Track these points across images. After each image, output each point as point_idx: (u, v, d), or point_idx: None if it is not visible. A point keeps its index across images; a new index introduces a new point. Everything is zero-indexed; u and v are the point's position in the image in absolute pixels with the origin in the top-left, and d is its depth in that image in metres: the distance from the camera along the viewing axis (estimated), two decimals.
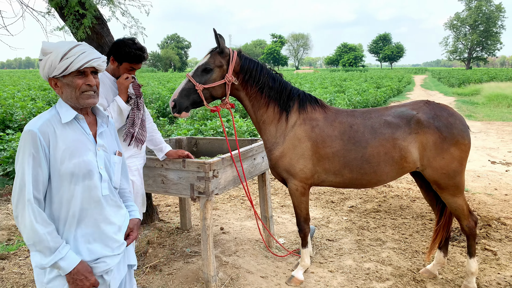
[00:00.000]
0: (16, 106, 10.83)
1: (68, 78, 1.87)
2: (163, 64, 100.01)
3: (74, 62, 1.83)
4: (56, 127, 1.84)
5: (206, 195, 3.21)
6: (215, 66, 3.19)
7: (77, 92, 1.87)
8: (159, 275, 3.73)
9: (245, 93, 3.37)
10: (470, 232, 3.46)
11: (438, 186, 3.34)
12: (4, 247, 4.53)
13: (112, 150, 2.06)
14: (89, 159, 1.88)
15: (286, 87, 3.44)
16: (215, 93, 3.25)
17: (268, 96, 3.36)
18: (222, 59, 3.21)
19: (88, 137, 1.93)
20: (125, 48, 2.92)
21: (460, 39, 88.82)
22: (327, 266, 3.98)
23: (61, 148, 1.82)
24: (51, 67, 1.85)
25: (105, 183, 1.94)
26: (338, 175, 3.37)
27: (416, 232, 4.79)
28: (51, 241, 1.76)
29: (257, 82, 3.30)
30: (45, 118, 1.85)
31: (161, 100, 14.80)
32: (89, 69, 1.89)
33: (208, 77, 3.18)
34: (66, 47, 1.85)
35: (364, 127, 3.33)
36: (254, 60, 3.34)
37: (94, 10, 3.80)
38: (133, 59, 2.97)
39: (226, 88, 3.25)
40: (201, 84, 3.15)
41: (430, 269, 3.75)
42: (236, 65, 3.24)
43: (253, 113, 3.45)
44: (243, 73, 3.28)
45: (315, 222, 5.19)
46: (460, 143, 3.23)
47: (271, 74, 3.41)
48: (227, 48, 3.21)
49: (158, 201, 6.19)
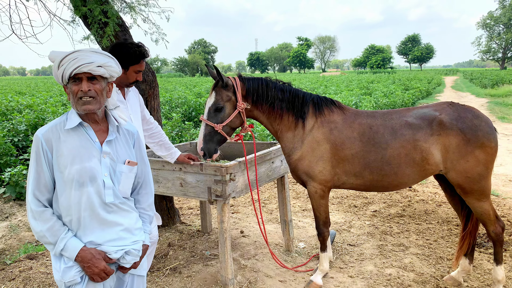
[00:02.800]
0: (48, 111, 11.24)
1: (69, 85, 1.93)
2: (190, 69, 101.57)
3: (66, 70, 1.87)
4: (62, 133, 1.91)
5: (223, 198, 3.24)
6: (225, 101, 3.23)
7: (75, 99, 1.92)
8: (179, 277, 3.78)
9: (257, 112, 3.40)
10: (496, 238, 3.34)
11: (463, 190, 3.24)
12: (34, 247, 4.71)
13: (122, 159, 2.05)
14: (92, 166, 1.92)
15: (297, 95, 3.45)
16: (234, 125, 3.32)
17: (280, 108, 3.38)
18: (227, 91, 3.24)
19: (94, 144, 1.96)
20: (125, 50, 2.86)
21: (493, 39, 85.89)
22: (347, 271, 3.92)
23: (64, 153, 1.89)
24: (55, 75, 1.94)
25: (109, 190, 1.96)
26: (358, 177, 3.33)
27: (441, 238, 4.65)
28: (49, 237, 1.89)
29: (266, 99, 3.33)
30: (52, 124, 1.94)
31: (187, 104, 15.00)
32: (83, 75, 1.90)
33: (222, 115, 3.22)
34: (63, 55, 1.90)
35: (384, 128, 3.28)
36: (257, 79, 3.36)
37: (117, 17, 3.91)
38: (138, 58, 2.92)
39: (242, 116, 3.30)
40: (219, 123, 3.21)
41: (455, 276, 3.63)
42: (242, 90, 3.27)
43: (270, 125, 3.48)
44: (250, 95, 3.31)
45: (336, 226, 5.12)
46: (485, 145, 3.13)
47: (279, 86, 3.42)
48: (229, 80, 3.24)
49: (181, 204, 6.27)
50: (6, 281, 3.79)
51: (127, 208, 2.07)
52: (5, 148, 7.39)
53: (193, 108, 14.63)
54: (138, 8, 3.99)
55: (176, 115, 10.65)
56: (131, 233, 2.07)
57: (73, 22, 3.99)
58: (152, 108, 4.55)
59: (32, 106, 12.41)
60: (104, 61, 1.95)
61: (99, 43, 4.09)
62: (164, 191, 3.58)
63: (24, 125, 9.40)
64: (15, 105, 13.13)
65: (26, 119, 9.67)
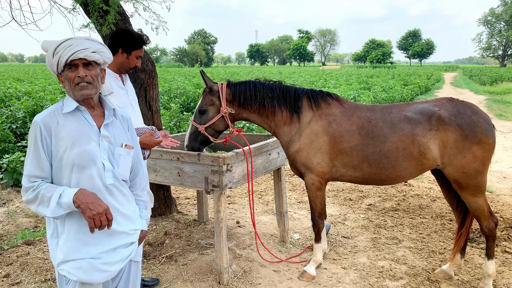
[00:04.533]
0: (46, 99, 11.23)
1: (65, 72, 1.95)
2: (189, 59, 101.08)
3: (61, 57, 1.90)
4: (60, 117, 1.94)
5: (219, 188, 3.28)
6: (208, 105, 3.43)
7: (72, 85, 1.94)
8: (174, 265, 3.83)
9: (248, 113, 3.52)
10: (489, 234, 3.40)
11: (459, 185, 3.29)
12: (31, 233, 4.75)
13: (119, 142, 2.09)
14: (91, 149, 1.95)
15: (289, 91, 3.53)
16: (218, 128, 3.48)
17: (272, 105, 3.48)
18: (212, 96, 3.43)
19: (91, 128, 2.00)
20: (130, 35, 2.96)
21: (494, 36, 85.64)
22: (341, 262, 3.98)
23: (63, 137, 1.92)
24: (50, 63, 1.95)
25: (109, 172, 2.00)
26: (357, 169, 3.38)
27: (434, 232, 4.71)
28: (46, 193, 1.87)
29: (255, 98, 3.45)
30: (50, 110, 1.97)
31: (185, 95, 14.98)
32: (79, 61, 1.93)
33: (205, 117, 3.43)
34: (57, 43, 1.92)
35: (383, 122, 3.33)
36: (245, 82, 3.49)
37: (118, 6, 3.92)
38: (141, 43, 3.02)
39: (225, 119, 3.44)
40: (202, 125, 3.41)
41: (446, 269, 3.70)
42: (227, 95, 3.43)
43: (263, 123, 3.57)
44: (237, 98, 3.44)
45: (331, 219, 5.18)
46: (483, 142, 3.17)
47: (268, 85, 3.52)
48: (215, 85, 3.42)
49: (178, 193, 6.32)
50: (4, 266, 3.84)
51: (126, 192, 2.11)
52: (3, 134, 7.40)
53: (192, 99, 14.62)
54: None
55: (174, 105, 10.66)
56: (131, 220, 2.11)
57: (74, 10, 3.98)
58: (150, 97, 4.57)
59: (30, 93, 12.39)
60: (98, 47, 1.99)
61: (99, 31, 4.09)
62: (161, 180, 3.61)
63: (23, 112, 9.39)
64: (14, 92, 13.10)
65: (25, 106, 9.66)
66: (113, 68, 3.05)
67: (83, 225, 1.96)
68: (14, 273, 3.71)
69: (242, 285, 3.52)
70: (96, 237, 1.98)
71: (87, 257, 1.96)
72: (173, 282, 3.56)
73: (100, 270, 1.96)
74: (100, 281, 1.98)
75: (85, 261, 1.95)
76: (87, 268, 1.95)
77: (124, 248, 2.07)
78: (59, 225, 2.00)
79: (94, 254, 1.97)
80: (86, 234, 1.97)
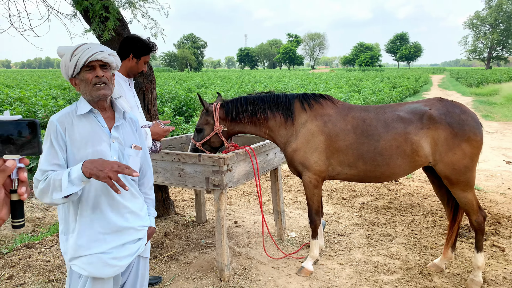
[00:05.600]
0: (39, 104, 11.22)
1: (81, 74, 2.07)
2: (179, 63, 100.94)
3: (80, 58, 2.02)
4: (74, 119, 2.05)
5: (220, 187, 3.39)
6: (204, 124, 3.72)
7: (90, 85, 2.06)
8: (176, 264, 3.93)
9: (241, 125, 3.73)
10: (478, 227, 3.55)
11: (449, 181, 3.44)
12: (29, 237, 4.80)
13: (129, 143, 2.20)
14: (103, 149, 2.06)
15: (280, 98, 3.72)
16: (213, 144, 3.74)
17: (264, 114, 3.67)
18: (207, 116, 3.71)
19: (103, 129, 2.11)
20: (140, 42, 3.14)
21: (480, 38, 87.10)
22: (337, 259, 4.12)
23: (77, 138, 2.03)
24: (66, 67, 2.07)
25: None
26: (352, 167, 3.53)
27: (426, 229, 4.88)
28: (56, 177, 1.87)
29: (246, 111, 3.67)
30: (65, 111, 2.08)
31: (177, 99, 15.05)
32: (96, 63, 2.05)
33: (202, 135, 3.72)
34: (74, 47, 2.06)
35: (377, 122, 3.48)
36: (236, 99, 3.74)
37: (117, 12, 4.02)
38: (149, 49, 3.20)
39: (219, 136, 3.68)
40: (199, 142, 3.72)
41: (438, 263, 3.85)
42: (220, 114, 3.68)
43: (258, 131, 3.75)
44: (229, 116, 3.68)
45: (326, 217, 5.32)
46: (471, 139, 3.33)
47: (259, 97, 3.73)
48: (210, 106, 3.72)
49: (174, 196, 6.40)
50: (6, 268, 3.90)
51: (134, 191, 2.22)
52: None
53: (184, 103, 14.70)
54: (138, 3, 4.10)
55: (167, 109, 10.74)
56: (139, 217, 2.22)
57: (74, 16, 4.08)
58: (149, 101, 4.67)
59: (22, 99, 12.36)
60: (112, 51, 2.12)
61: (99, 37, 4.19)
62: (163, 181, 3.72)
63: None
64: (5, 98, 13.05)
65: (17, 111, 9.66)
66: (123, 72, 3.22)
67: (94, 221, 2.06)
68: (17, 275, 3.77)
69: (242, 281, 3.63)
70: (106, 234, 2.08)
71: (97, 252, 2.05)
72: (175, 280, 3.66)
73: (110, 265, 2.06)
74: (110, 275, 2.07)
75: (95, 256, 2.05)
76: (97, 263, 2.05)
77: (133, 243, 2.18)
78: (70, 222, 2.09)
79: (104, 249, 2.07)
80: (97, 230, 2.07)
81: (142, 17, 4.32)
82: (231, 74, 55.20)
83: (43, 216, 5.53)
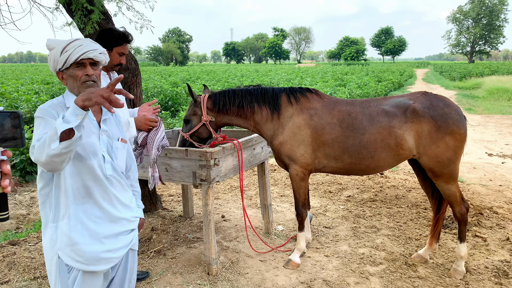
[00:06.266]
0: (21, 99, 11.02)
1: (70, 70, 2.05)
2: (164, 58, 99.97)
3: (72, 55, 2.00)
4: (64, 110, 2.03)
5: (207, 182, 3.39)
6: (191, 115, 3.73)
7: (78, 82, 2.05)
8: (163, 259, 3.93)
9: (228, 117, 3.75)
10: (461, 218, 3.63)
11: (433, 173, 3.51)
12: (14, 235, 4.73)
13: (116, 136, 2.22)
14: (92, 141, 2.05)
15: (267, 91, 3.74)
16: (201, 135, 3.74)
17: (250, 107, 3.70)
18: (195, 107, 3.72)
19: (92, 122, 2.10)
20: (111, 32, 3.04)
21: (463, 33, 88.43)
22: (323, 251, 4.17)
23: None
24: (55, 61, 2.04)
25: (108, 164, 2.10)
26: (338, 160, 3.57)
27: (410, 220, 4.97)
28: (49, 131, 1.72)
29: (233, 103, 3.69)
30: (54, 102, 2.06)
31: (163, 94, 14.95)
32: (87, 61, 2.04)
33: (189, 126, 3.73)
34: (66, 42, 2.03)
35: (363, 115, 3.52)
36: (225, 91, 3.76)
37: (101, 5, 3.96)
38: (120, 39, 3.08)
39: (207, 127, 3.69)
40: (186, 133, 3.71)
41: (422, 254, 3.93)
42: (208, 105, 3.70)
43: (245, 123, 3.78)
44: (216, 106, 3.69)
45: (312, 210, 5.37)
46: (455, 132, 3.39)
47: (246, 90, 3.76)
48: (198, 97, 3.74)
49: (161, 191, 6.38)
50: None
51: (124, 183, 2.22)
52: None
53: (170, 98, 14.61)
54: None
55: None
56: (130, 209, 2.22)
57: (56, 9, 4.00)
58: (134, 95, 4.63)
59: (3, 94, 12.10)
60: (103, 49, 2.11)
61: (82, 30, 4.12)
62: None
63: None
64: None
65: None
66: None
67: (87, 209, 2.03)
68: (1, 272, 3.72)
69: (230, 275, 3.65)
70: (99, 223, 2.05)
71: (90, 242, 2.01)
72: (163, 274, 3.66)
73: (103, 259, 2.04)
74: (103, 269, 2.06)
75: (88, 247, 2.00)
76: (89, 257, 2.01)
77: (126, 234, 2.17)
78: (61, 209, 2.02)
79: (98, 239, 2.04)
80: (90, 218, 2.03)
81: (128, 10, 4.27)
82: (217, 69, 54.95)
83: (27, 213, 5.45)
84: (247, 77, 29.99)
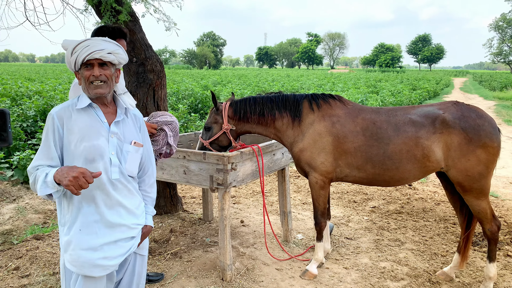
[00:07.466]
0: (57, 98, 11.41)
1: (81, 70, 2.06)
2: (198, 61, 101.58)
3: (79, 56, 2.01)
4: (73, 112, 2.04)
5: (224, 186, 3.35)
6: (212, 123, 3.72)
7: (86, 83, 2.05)
8: (179, 262, 3.91)
9: (249, 125, 3.73)
10: (492, 237, 3.42)
11: (462, 188, 3.32)
12: (40, 229, 4.86)
13: (129, 139, 2.18)
14: (100, 144, 2.04)
15: (288, 98, 3.68)
16: (222, 143, 3.73)
17: (271, 114, 3.65)
18: (217, 115, 3.71)
19: (102, 124, 2.09)
20: (100, 30, 2.94)
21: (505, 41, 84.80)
22: (343, 263, 4.03)
23: (74, 131, 2.02)
24: (68, 62, 2.07)
25: (115, 167, 2.08)
26: (361, 170, 3.45)
27: (437, 235, 4.74)
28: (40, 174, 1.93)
29: (254, 111, 3.65)
30: (65, 105, 2.07)
31: (193, 96, 15.11)
32: (95, 61, 2.03)
33: (210, 134, 3.72)
34: (76, 42, 2.03)
35: (388, 124, 3.39)
36: (245, 98, 3.72)
37: (129, 6, 4.02)
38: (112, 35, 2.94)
39: (227, 135, 3.67)
40: (206, 140, 3.69)
41: (447, 271, 3.73)
42: (229, 113, 3.68)
43: (265, 130, 3.74)
44: (237, 115, 3.66)
45: (335, 220, 5.23)
46: (487, 145, 3.20)
47: (267, 97, 3.71)
48: (220, 105, 3.72)
49: (184, 193, 6.40)
50: (14, 259, 3.95)
51: (131, 188, 2.18)
52: (15, 132, 7.56)
53: (200, 100, 14.74)
54: None
55: (182, 106, 10.78)
56: (134, 215, 2.18)
57: (86, 10, 4.10)
58: (158, 97, 4.67)
59: (41, 93, 12.60)
60: (114, 48, 2.08)
61: None
62: (168, 178, 3.70)
63: (33, 111, 9.57)
64: (25, 91, 13.33)
65: (35, 105, 9.84)
66: None
67: (88, 214, 2.03)
68: (23, 266, 3.82)
69: (245, 282, 3.59)
70: (98, 228, 2.04)
71: (86, 248, 2.01)
72: (178, 277, 3.64)
73: (99, 266, 2.03)
74: (98, 275, 2.04)
75: (84, 253, 2.01)
76: (84, 262, 2.01)
77: (125, 242, 2.13)
78: (65, 214, 2.07)
79: (95, 245, 2.02)
80: (89, 223, 2.03)
81: (155, 12, 4.31)
82: (249, 73, 55.23)
83: (55, 208, 5.60)
84: (278, 81, 29.94)
